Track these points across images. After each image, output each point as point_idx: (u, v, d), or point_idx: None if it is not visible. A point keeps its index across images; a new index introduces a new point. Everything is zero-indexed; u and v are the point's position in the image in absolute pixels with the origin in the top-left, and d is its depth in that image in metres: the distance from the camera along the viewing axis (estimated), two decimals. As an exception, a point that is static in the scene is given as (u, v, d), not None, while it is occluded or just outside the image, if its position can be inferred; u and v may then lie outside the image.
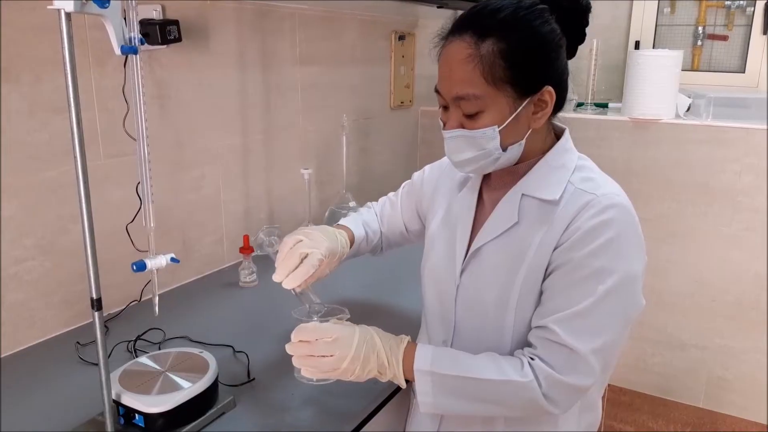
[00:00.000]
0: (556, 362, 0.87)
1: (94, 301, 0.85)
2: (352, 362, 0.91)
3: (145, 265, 0.93)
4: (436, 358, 0.92)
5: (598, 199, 0.89)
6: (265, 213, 1.82)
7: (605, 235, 0.87)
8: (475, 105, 0.89)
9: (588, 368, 0.87)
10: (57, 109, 1.22)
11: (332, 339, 0.92)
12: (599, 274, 0.87)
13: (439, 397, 0.91)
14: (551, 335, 0.88)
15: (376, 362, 0.92)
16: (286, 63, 1.82)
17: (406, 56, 2.40)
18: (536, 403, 0.87)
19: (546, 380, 0.87)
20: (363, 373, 0.92)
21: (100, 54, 1.28)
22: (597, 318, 0.87)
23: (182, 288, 1.55)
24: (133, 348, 1.21)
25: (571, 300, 0.88)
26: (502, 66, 0.87)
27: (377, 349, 0.93)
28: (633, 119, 2.21)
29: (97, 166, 1.30)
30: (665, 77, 2.16)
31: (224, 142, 1.65)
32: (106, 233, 1.28)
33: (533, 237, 0.93)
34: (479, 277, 0.99)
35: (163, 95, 1.45)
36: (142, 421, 0.92)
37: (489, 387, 0.89)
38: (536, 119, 0.92)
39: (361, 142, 2.23)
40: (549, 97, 0.91)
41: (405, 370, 0.93)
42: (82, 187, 0.81)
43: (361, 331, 0.94)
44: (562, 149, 0.98)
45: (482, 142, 0.91)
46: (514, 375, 0.88)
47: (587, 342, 0.86)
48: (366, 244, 1.25)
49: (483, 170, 0.98)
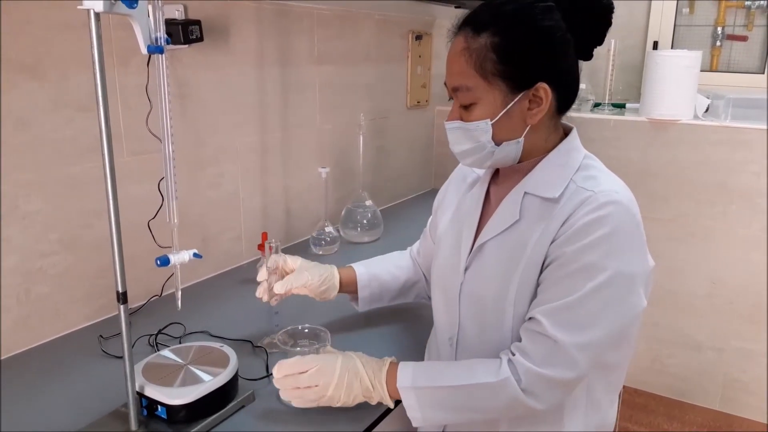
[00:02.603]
0: (537, 354, 0.87)
1: (119, 294, 0.86)
2: (336, 390, 0.95)
3: (169, 260, 0.95)
4: (417, 374, 0.95)
5: (595, 195, 0.89)
6: (282, 211, 1.84)
7: (599, 231, 0.87)
8: (468, 96, 0.93)
9: (569, 361, 0.86)
10: (82, 106, 1.24)
11: (315, 369, 0.95)
12: (590, 269, 0.87)
13: (426, 410, 0.94)
14: (537, 326, 0.88)
15: (360, 388, 0.96)
16: (304, 62, 1.83)
17: (423, 56, 2.41)
18: (516, 400, 0.88)
19: (525, 374, 0.87)
20: (349, 399, 0.96)
21: (123, 53, 1.31)
22: (584, 312, 0.87)
23: (202, 284, 1.57)
24: (155, 342, 1.23)
25: (560, 293, 0.88)
26: (493, 60, 0.89)
27: (360, 375, 0.96)
28: (651, 120, 2.21)
29: (120, 163, 1.31)
30: (684, 78, 2.15)
31: (243, 140, 1.67)
32: (128, 229, 1.29)
33: (532, 233, 0.94)
34: (481, 273, 1.00)
35: (183, 94, 1.47)
36: (164, 412, 0.94)
37: (465, 393, 0.91)
38: (532, 115, 0.93)
39: (377, 141, 2.24)
40: (544, 93, 0.91)
41: (390, 390, 0.96)
42: (110, 183, 0.83)
43: (344, 359, 0.97)
44: (568, 148, 0.98)
45: (476, 134, 0.94)
46: (486, 377, 0.89)
47: (572, 335, 0.86)
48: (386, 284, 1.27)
49: (481, 163, 0.99)
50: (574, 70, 0.96)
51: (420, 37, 2.37)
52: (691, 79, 2.16)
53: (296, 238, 1.90)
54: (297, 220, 1.90)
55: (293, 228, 1.89)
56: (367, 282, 1.26)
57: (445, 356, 1.07)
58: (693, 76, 2.16)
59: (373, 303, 1.28)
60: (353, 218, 1.88)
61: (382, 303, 1.29)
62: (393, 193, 2.40)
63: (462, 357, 1.04)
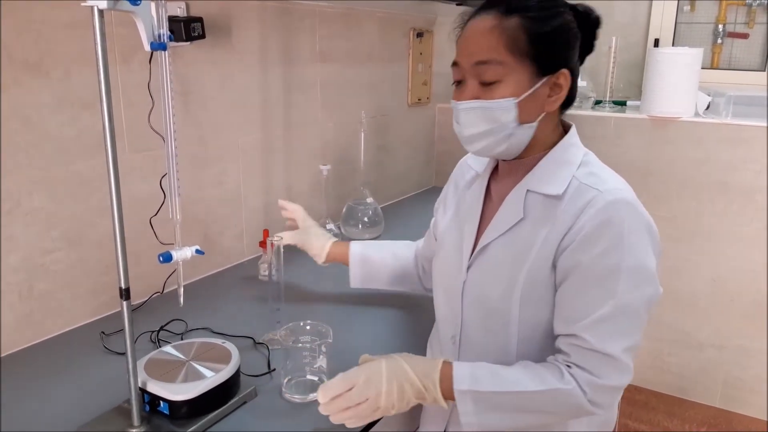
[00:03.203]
0: (593, 368, 0.88)
1: (122, 290, 0.87)
2: (388, 397, 0.88)
3: (172, 256, 0.95)
4: (475, 377, 0.91)
5: (602, 195, 0.90)
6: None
7: (611, 233, 0.88)
8: (496, 72, 0.91)
9: (623, 367, 0.88)
10: (85, 104, 1.25)
11: (362, 381, 0.89)
12: (613, 274, 0.88)
13: (482, 415, 0.90)
14: (582, 342, 0.89)
15: (412, 391, 0.90)
16: (306, 60, 1.84)
17: (424, 53, 2.41)
18: (582, 408, 0.89)
19: (589, 386, 0.88)
20: (403, 404, 0.90)
21: (125, 50, 1.31)
22: (622, 318, 0.88)
23: (203, 281, 1.58)
24: (157, 338, 1.23)
25: (593, 304, 0.89)
26: (524, 40, 0.90)
27: (410, 377, 0.90)
28: (652, 117, 2.21)
29: (122, 160, 1.32)
30: (685, 75, 2.15)
31: (245, 138, 1.67)
32: (130, 226, 1.28)
33: (538, 233, 0.94)
34: (485, 273, 1.00)
35: (185, 91, 1.47)
36: (166, 408, 0.94)
37: (534, 398, 0.89)
38: (551, 102, 0.94)
39: (378, 138, 2.24)
40: (564, 81, 0.93)
41: (444, 391, 0.91)
42: (113, 179, 0.83)
43: (388, 363, 0.91)
44: (568, 144, 0.99)
45: (498, 114, 0.92)
46: (557, 383, 0.88)
47: (618, 343, 0.88)
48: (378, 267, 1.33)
49: (492, 149, 0.96)
50: (578, 69, 0.98)
51: (421, 34, 2.37)
52: (692, 76, 2.16)
53: (297, 235, 1.90)
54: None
55: (295, 225, 1.89)
56: (358, 261, 1.33)
57: (448, 354, 1.07)
58: (694, 74, 2.16)
59: (364, 283, 1.35)
60: (354, 215, 1.89)
61: (374, 285, 1.35)
62: (394, 191, 2.40)
63: (465, 355, 1.04)
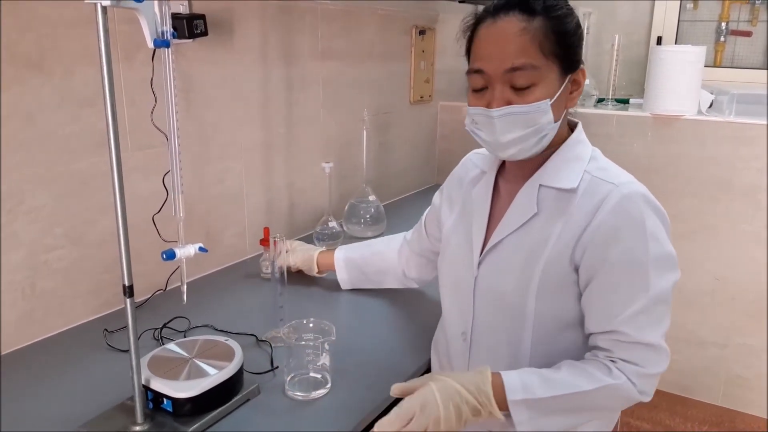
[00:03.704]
0: (638, 359, 0.91)
1: (126, 287, 0.87)
2: (447, 422, 0.87)
3: (175, 254, 0.95)
4: (526, 384, 0.90)
5: (617, 189, 0.92)
6: (286, 206, 1.85)
7: (633, 227, 0.90)
8: (530, 77, 0.90)
9: (663, 352, 0.93)
10: (87, 102, 1.25)
11: (419, 412, 0.87)
12: (642, 266, 0.90)
13: (537, 421, 0.90)
14: (623, 337, 0.91)
15: (468, 409, 0.88)
16: (307, 58, 1.83)
17: (426, 51, 2.41)
18: (633, 399, 0.92)
19: (637, 377, 0.90)
20: (461, 424, 0.89)
21: (127, 47, 1.31)
22: (655, 307, 0.91)
23: (206, 278, 1.58)
24: (160, 335, 1.23)
25: (627, 298, 0.91)
26: (553, 40, 0.91)
27: (463, 396, 0.88)
28: (655, 115, 2.20)
29: (124, 157, 1.31)
30: (688, 73, 2.14)
31: (247, 136, 1.67)
32: (133, 224, 1.29)
33: (553, 227, 0.95)
34: (498, 268, 1.00)
35: (187, 89, 1.47)
36: (170, 405, 0.94)
37: (588, 397, 0.91)
38: (572, 99, 0.97)
39: (380, 136, 2.24)
40: (582, 77, 0.96)
41: (497, 402, 0.89)
42: (116, 177, 0.83)
43: (439, 387, 0.89)
44: (576, 141, 1.00)
45: (536, 117, 0.92)
46: (608, 379, 0.90)
47: (655, 332, 0.91)
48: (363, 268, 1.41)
49: (527, 151, 0.95)
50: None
51: (423, 32, 2.36)
52: (695, 74, 2.15)
53: (300, 233, 1.91)
54: (300, 215, 1.90)
55: (297, 223, 1.90)
56: (343, 266, 1.43)
57: (457, 351, 1.07)
58: (697, 72, 2.15)
59: (353, 285, 1.45)
60: (356, 213, 1.88)
61: (363, 285, 1.44)
62: (396, 189, 2.40)
63: (476, 351, 1.04)
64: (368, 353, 1.20)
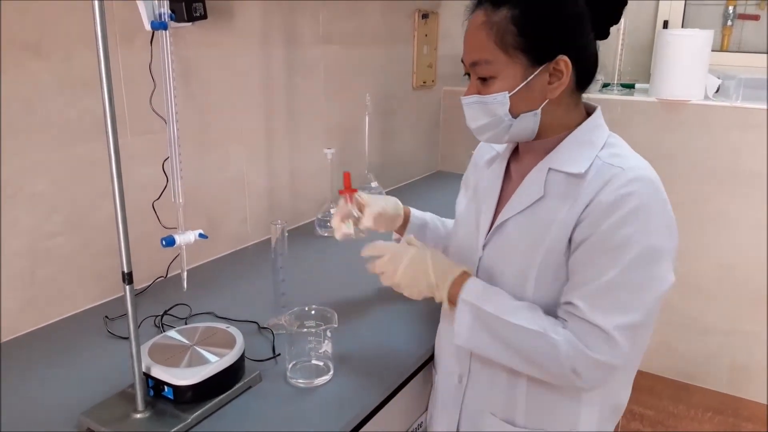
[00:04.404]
0: (583, 337, 0.87)
1: (125, 274, 0.86)
2: (402, 278, 1.00)
3: (174, 240, 0.94)
4: (484, 294, 0.95)
5: (624, 172, 0.89)
6: (288, 193, 1.83)
7: (627, 207, 0.86)
8: (487, 70, 0.92)
9: (614, 345, 0.86)
10: (86, 86, 1.23)
11: (387, 257, 1.01)
12: (620, 247, 0.86)
13: (475, 332, 0.94)
14: (576, 311, 0.88)
15: (425, 283, 0.99)
16: (309, 42, 1.81)
17: (429, 35, 2.38)
18: (562, 367, 0.88)
19: (575, 350, 0.87)
20: (413, 291, 1.00)
21: (126, 31, 1.29)
22: (620, 293, 0.86)
23: (207, 265, 1.57)
24: (161, 323, 1.23)
25: (593, 273, 0.88)
26: (513, 32, 0.89)
27: (426, 271, 0.99)
28: (661, 100, 2.17)
29: (123, 143, 1.30)
30: (695, 57, 2.11)
31: (248, 122, 1.65)
32: (133, 210, 1.28)
33: (557, 211, 0.93)
34: (501, 250, 0.99)
35: (187, 73, 1.45)
36: (171, 393, 0.94)
37: (520, 334, 0.90)
38: (552, 89, 0.93)
39: (383, 122, 2.22)
40: (564, 67, 0.91)
41: (451, 296, 0.97)
42: (114, 162, 0.82)
43: (415, 252, 1.01)
44: (593, 126, 0.98)
45: (493, 107, 0.94)
46: (549, 331, 0.88)
47: (611, 318, 0.86)
48: (432, 235, 1.27)
49: (499, 138, 0.99)
50: (591, 46, 0.96)
51: (426, 15, 2.33)
52: (702, 58, 2.12)
53: (302, 219, 1.89)
54: (302, 202, 1.89)
55: (299, 209, 1.88)
56: (416, 227, 1.27)
57: None
58: (704, 56, 2.12)
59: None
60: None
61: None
62: (399, 175, 2.38)
63: None
64: (371, 341, 1.19)
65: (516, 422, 1.00)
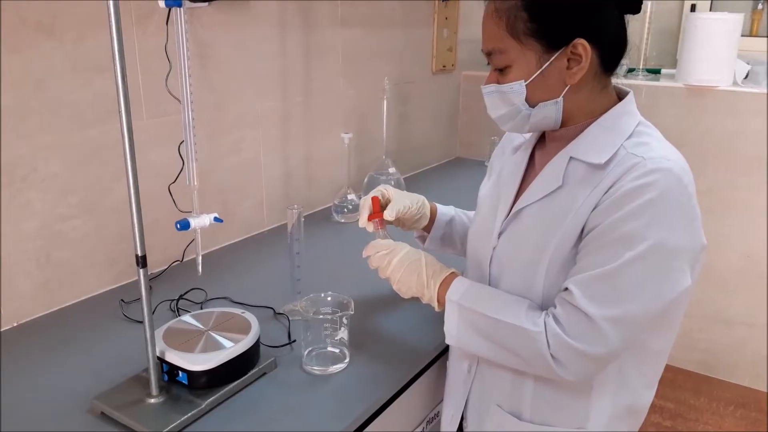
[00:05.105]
0: (568, 324, 0.84)
1: (138, 258, 0.84)
2: (394, 273, 1.01)
3: (189, 223, 0.92)
4: (468, 292, 0.95)
5: (644, 162, 0.84)
6: (304, 178, 1.81)
7: (642, 198, 0.81)
8: (502, 59, 0.90)
9: (599, 336, 0.82)
10: (100, 68, 1.21)
11: (380, 254, 1.03)
12: (629, 239, 0.81)
13: (462, 330, 0.94)
14: (569, 296, 0.84)
15: (416, 282, 1.00)
16: (327, 25, 1.78)
17: (449, 18, 2.33)
18: (543, 359, 0.85)
19: (554, 339, 0.84)
20: (403, 288, 1.01)
21: (141, 12, 1.27)
22: (618, 284, 0.82)
23: (224, 249, 1.56)
24: (176, 307, 1.22)
25: (595, 262, 0.83)
26: (524, 19, 0.86)
27: (419, 270, 1.00)
28: (688, 86, 2.12)
29: (139, 126, 1.30)
30: (723, 42, 2.05)
31: (264, 105, 1.63)
32: (149, 193, 1.28)
33: (575, 201, 0.88)
34: (515, 239, 0.96)
35: (203, 55, 1.43)
36: (185, 378, 0.92)
37: (502, 329, 0.89)
38: (571, 74, 0.88)
39: (401, 106, 2.19)
40: (583, 50, 0.86)
41: (440, 297, 0.98)
42: (127, 144, 0.80)
43: (410, 252, 1.02)
44: (620, 112, 0.92)
45: (511, 97, 0.91)
46: (526, 323, 0.86)
47: (603, 308, 0.82)
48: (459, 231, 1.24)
49: (520, 127, 0.96)
50: (616, 24, 0.90)
51: (446, -1, 2.29)
52: (732, 43, 2.06)
53: (318, 205, 1.87)
54: (319, 187, 1.87)
55: (315, 195, 1.86)
56: (443, 224, 1.23)
57: None
58: (733, 41, 2.06)
59: (443, 246, 1.26)
60: (376, 186, 1.81)
61: (449, 248, 1.26)
62: (417, 161, 2.35)
63: None
64: (387, 328, 1.17)
65: (522, 416, 0.97)
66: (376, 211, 1.10)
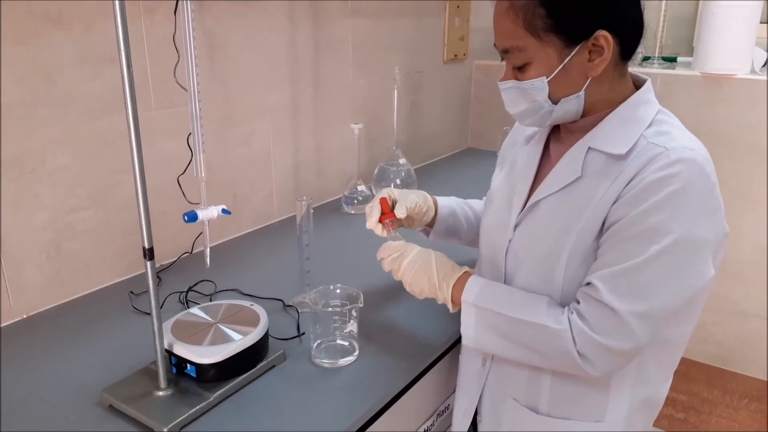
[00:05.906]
0: (593, 320, 0.82)
1: (146, 250, 0.84)
2: (405, 275, 1.00)
3: (197, 215, 0.92)
4: (483, 292, 0.93)
5: (667, 152, 0.82)
6: (314, 169, 1.80)
7: (666, 190, 0.80)
8: (520, 57, 0.87)
9: (627, 331, 0.81)
10: (108, 58, 1.21)
11: (392, 257, 1.02)
12: (653, 232, 0.80)
13: (480, 331, 0.92)
14: (594, 292, 0.83)
15: (428, 283, 0.98)
16: (337, 14, 1.76)
17: (461, 7, 2.30)
18: (570, 355, 0.83)
19: (579, 336, 0.83)
20: (416, 290, 1.00)
21: (149, 2, 1.26)
22: (644, 279, 0.81)
23: (233, 241, 1.55)
24: (185, 299, 1.21)
25: (619, 257, 0.82)
26: (542, 15, 0.83)
27: (429, 271, 0.98)
28: (704, 74, 2.08)
29: (148, 117, 1.29)
30: (741, 29, 2.01)
31: (274, 96, 1.62)
32: (158, 185, 1.28)
33: (595, 193, 0.87)
34: (532, 232, 0.94)
35: (213, 46, 1.42)
36: (194, 371, 0.92)
37: (521, 328, 0.87)
38: (593, 67, 0.86)
39: (412, 96, 2.17)
40: (605, 42, 0.84)
41: (454, 297, 0.96)
42: (134, 135, 0.79)
43: (420, 252, 1.01)
44: (639, 101, 0.90)
45: (532, 94, 0.88)
46: (548, 321, 0.85)
47: (629, 303, 0.80)
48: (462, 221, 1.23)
49: (541, 123, 0.94)
50: (633, 10, 0.88)
51: (458, -13, 2.26)
52: (750, 30, 2.01)
53: (328, 196, 1.86)
54: (329, 179, 1.86)
55: (325, 186, 1.85)
56: (446, 216, 1.22)
57: None
58: (751, 28, 2.01)
59: (448, 237, 1.25)
60: (386, 177, 1.83)
61: (454, 239, 1.26)
62: (428, 152, 2.33)
63: None
64: (397, 321, 1.16)
65: (539, 409, 0.96)
66: (385, 212, 1.09)
